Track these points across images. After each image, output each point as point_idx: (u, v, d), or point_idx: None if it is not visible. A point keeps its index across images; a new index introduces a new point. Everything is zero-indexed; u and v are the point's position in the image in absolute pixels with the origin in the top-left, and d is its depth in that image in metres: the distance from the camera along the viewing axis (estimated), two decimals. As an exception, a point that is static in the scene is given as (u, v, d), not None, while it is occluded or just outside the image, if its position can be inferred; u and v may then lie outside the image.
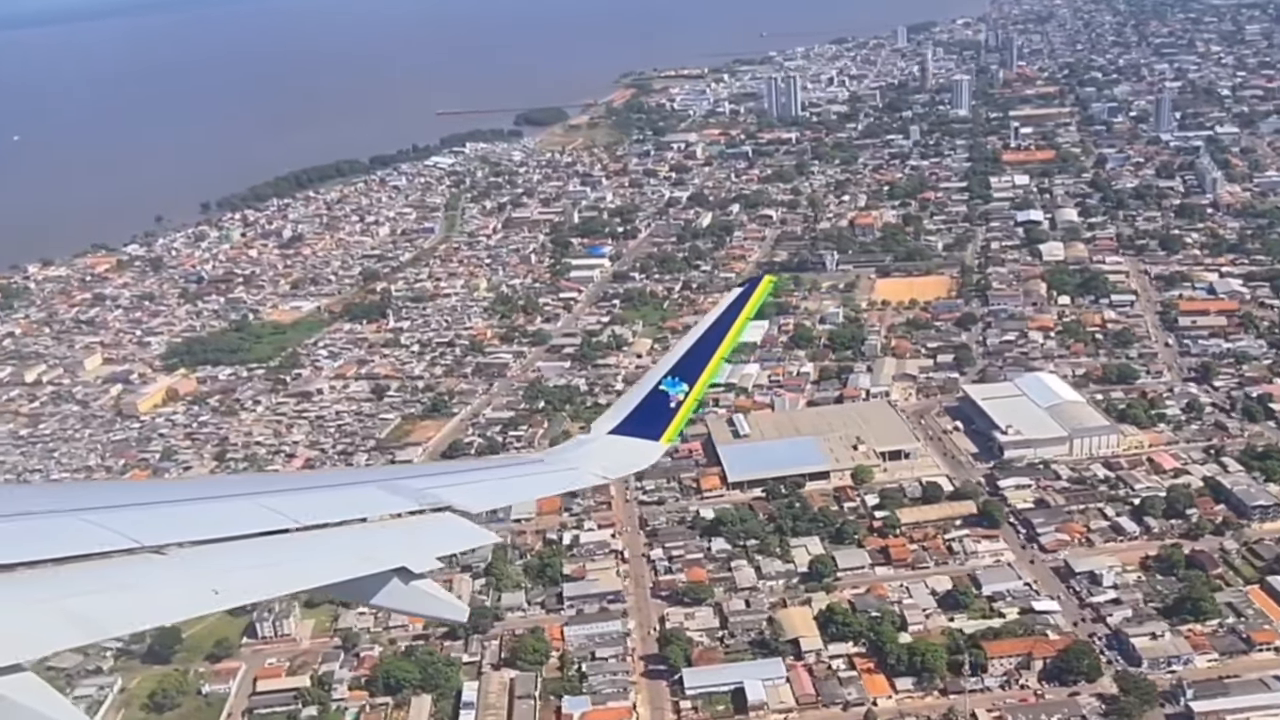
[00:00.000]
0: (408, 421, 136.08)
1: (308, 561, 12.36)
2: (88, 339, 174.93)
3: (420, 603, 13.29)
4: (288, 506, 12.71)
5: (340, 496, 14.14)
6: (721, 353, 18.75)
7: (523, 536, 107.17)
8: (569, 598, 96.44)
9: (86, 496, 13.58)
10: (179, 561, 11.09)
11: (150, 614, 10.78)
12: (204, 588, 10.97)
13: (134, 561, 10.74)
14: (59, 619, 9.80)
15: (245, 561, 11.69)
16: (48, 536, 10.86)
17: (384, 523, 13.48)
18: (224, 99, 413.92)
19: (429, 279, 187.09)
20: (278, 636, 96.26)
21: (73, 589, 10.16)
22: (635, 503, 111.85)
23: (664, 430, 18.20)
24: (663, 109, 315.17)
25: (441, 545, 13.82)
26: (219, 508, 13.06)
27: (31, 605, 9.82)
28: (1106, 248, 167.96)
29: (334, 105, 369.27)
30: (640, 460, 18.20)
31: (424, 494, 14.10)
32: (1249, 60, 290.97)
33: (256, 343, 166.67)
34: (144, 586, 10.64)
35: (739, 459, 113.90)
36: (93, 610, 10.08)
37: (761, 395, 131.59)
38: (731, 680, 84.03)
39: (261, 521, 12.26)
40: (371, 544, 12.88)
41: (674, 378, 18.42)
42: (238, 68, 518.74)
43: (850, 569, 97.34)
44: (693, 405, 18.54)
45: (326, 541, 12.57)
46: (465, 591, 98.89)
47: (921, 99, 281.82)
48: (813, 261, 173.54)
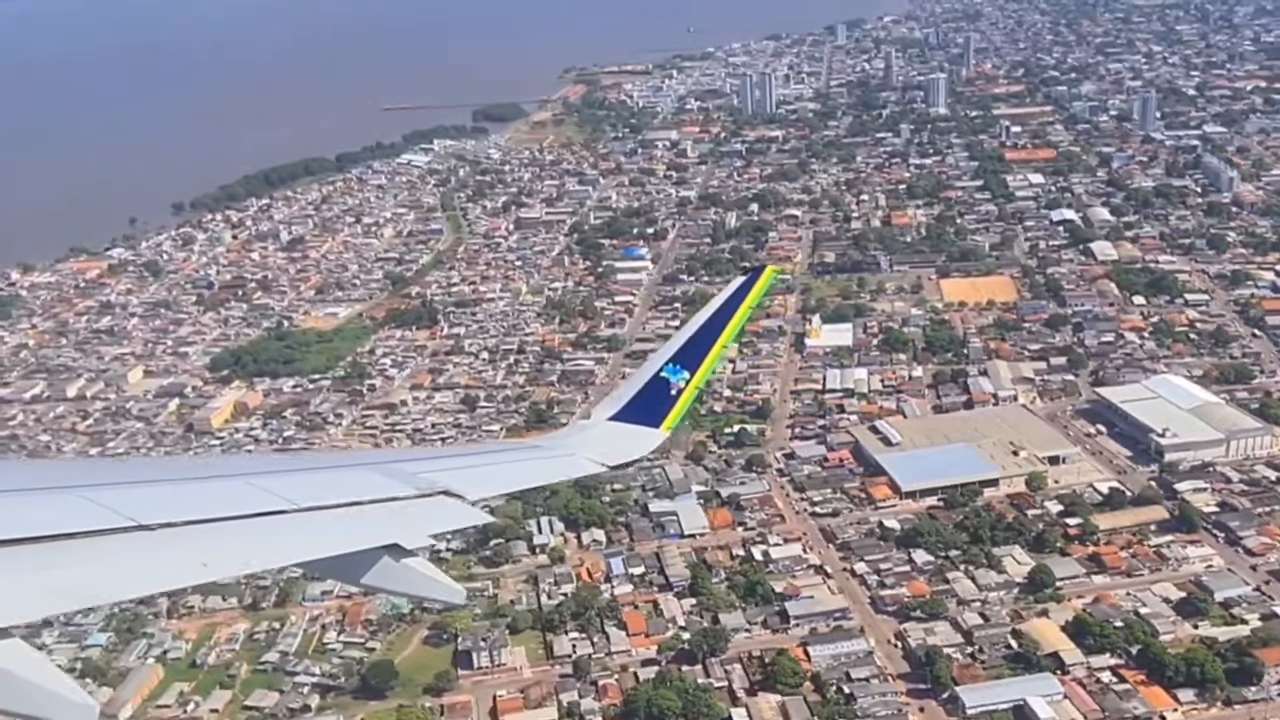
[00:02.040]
0: (513, 433, 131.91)
1: (297, 537, 12.32)
2: (114, 350, 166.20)
3: (413, 582, 13.04)
4: (283, 488, 12.69)
5: (335, 479, 14.18)
6: (723, 341, 18.99)
7: (705, 552, 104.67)
8: (795, 616, 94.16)
9: (83, 474, 13.71)
10: (168, 537, 11.12)
11: (136, 585, 11.03)
12: (192, 560, 11.08)
13: (123, 536, 10.80)
14: (43, 589, 9.84)
15: (234, 537, 11.69)
16: (42, 512, 10.88)
17: (377, 503, 13.30)
18: (140, 94, 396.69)
19: (462, 283, 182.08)
20: (495, 666, 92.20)
21: (59, 561, 10.17)
22: (807, 515, 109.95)
23: (664, 418, 18.43)
24: (624, 105, 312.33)
25: (434, 523, 13.65)
26: (214, 487, 13.13)
27: (16, 575, 9.81)
28: (1154, 247, 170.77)
29: (265, 100, 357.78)
30: (640, 448, 18.30)
31: (420, 478, 14.08)
32: (1195, 60, 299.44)
33: (306, 352, 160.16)
34: (131, 559, 10.71)
35: (905, 468, 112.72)
36: (78, 580, 10.13)
37: (884, 401, 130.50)
38: (1010, 698, 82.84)
39: (256, 503, 12.25)
40: (363, 521, 12.82)
41: (675, 365, 18.61)
42: (136, 60, 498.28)
43: (1065, 578, 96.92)
44: (693, 393, 18.74)
45: (317, 519, 12.51)
46: (677, 612, 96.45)
47: (892, 97, 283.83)
48: (866, 262, 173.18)
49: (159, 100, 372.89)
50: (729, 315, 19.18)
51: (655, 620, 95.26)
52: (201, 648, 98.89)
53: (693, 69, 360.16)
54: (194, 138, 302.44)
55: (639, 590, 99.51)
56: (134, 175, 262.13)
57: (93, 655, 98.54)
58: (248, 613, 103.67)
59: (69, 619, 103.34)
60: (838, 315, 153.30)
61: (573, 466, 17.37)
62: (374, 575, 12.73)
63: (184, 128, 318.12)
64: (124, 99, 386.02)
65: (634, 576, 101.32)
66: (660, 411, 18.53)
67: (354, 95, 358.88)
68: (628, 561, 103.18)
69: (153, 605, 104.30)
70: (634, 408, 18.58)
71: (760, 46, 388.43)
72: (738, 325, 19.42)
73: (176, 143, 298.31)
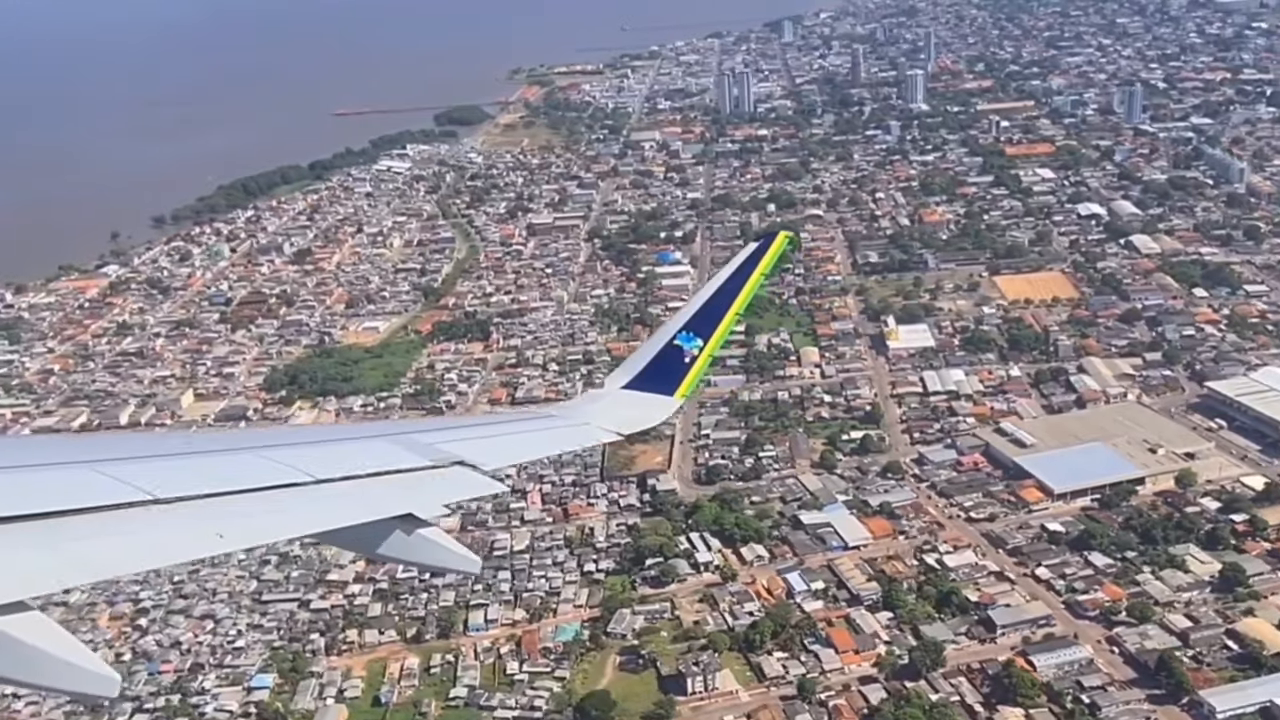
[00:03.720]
0: (623, 447, 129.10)
1: (313, 508, 12.41)
2: (148, 372, 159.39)
3: (429, 553, 13.13)
4: (297, 459, 12.81)
5: (349, 450, 14.22)
6: (736, 308, 19.30)
7: (876, 563, 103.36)
8: (1001, 625, 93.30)
9: (97, 448, 13.80)
10: (183, 509, 11.23)
11: (152, 556, 11.24)
12: (208, 532, 11.17)
13: (138, 510, 10.91)
14: (59, 561, 9.92)
15: (249, 509, 11.76)
16: (56, 486, 11.03)
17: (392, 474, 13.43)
18: (77, 104, 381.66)
19: (497, 293, 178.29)
20: (709, 691, 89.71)
21: (74, 534, 10.26)
22: (962, 520, 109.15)
23: (678, 385, 18.67)
24: (588, 106, 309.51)
25: (449, 493, 13.81)
26: (228, 460, 13.21)
27: (32, 549, 9.90)
28: (1191, 239, 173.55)
29: (208, 106, 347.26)
30: (654, 415, 18.59)
31: (434, 449, 14.21)
32: (1148, 53, 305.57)
33: (359, 368, 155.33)
34: (147, 531, 10.80)
35: (1049, 470, 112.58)
36: (95, 553, 10.25)
37: (991, 402, 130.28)
38: (1257, 700, 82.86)
39: (271, 475, 12.34)
40: (378, 492, 12.93)
41: (689, 333, 18.85)
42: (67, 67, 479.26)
43: (1253, 575, 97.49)
44: (707, 361, 19.03)
45: (332, 490, 12.61)
46: (875, 626, 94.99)
47: (866, 94, 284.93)
48: (913, 261, 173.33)
49: (100, 110, 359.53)
50: (742, 282, 19.36)
51: (859, 636, 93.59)
52: (378, 685, 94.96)
53: (644, 68, 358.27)
54: (149, 149, 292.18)
55: (829, 606, 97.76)
56: (99, 190, 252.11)
57: (262, 698, 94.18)
58: (411, 646, 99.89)
59: (220, 659, 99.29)
60: (908, 316, 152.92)
61: (587, 435, 17.56)
62: (390, 546, 12.84)
63: (134, 138, 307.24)
64: (60, 110, 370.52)
65: (817, 592, 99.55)
66: (674, 379, 18.66)
67: (298, 99, 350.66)
68: (805, 576, 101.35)
69: (309, 642, 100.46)
70: (647, 376, 18.71)
71: (705, 44, 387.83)
72: (750, 292, 19.50)
73: (132, 155, 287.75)
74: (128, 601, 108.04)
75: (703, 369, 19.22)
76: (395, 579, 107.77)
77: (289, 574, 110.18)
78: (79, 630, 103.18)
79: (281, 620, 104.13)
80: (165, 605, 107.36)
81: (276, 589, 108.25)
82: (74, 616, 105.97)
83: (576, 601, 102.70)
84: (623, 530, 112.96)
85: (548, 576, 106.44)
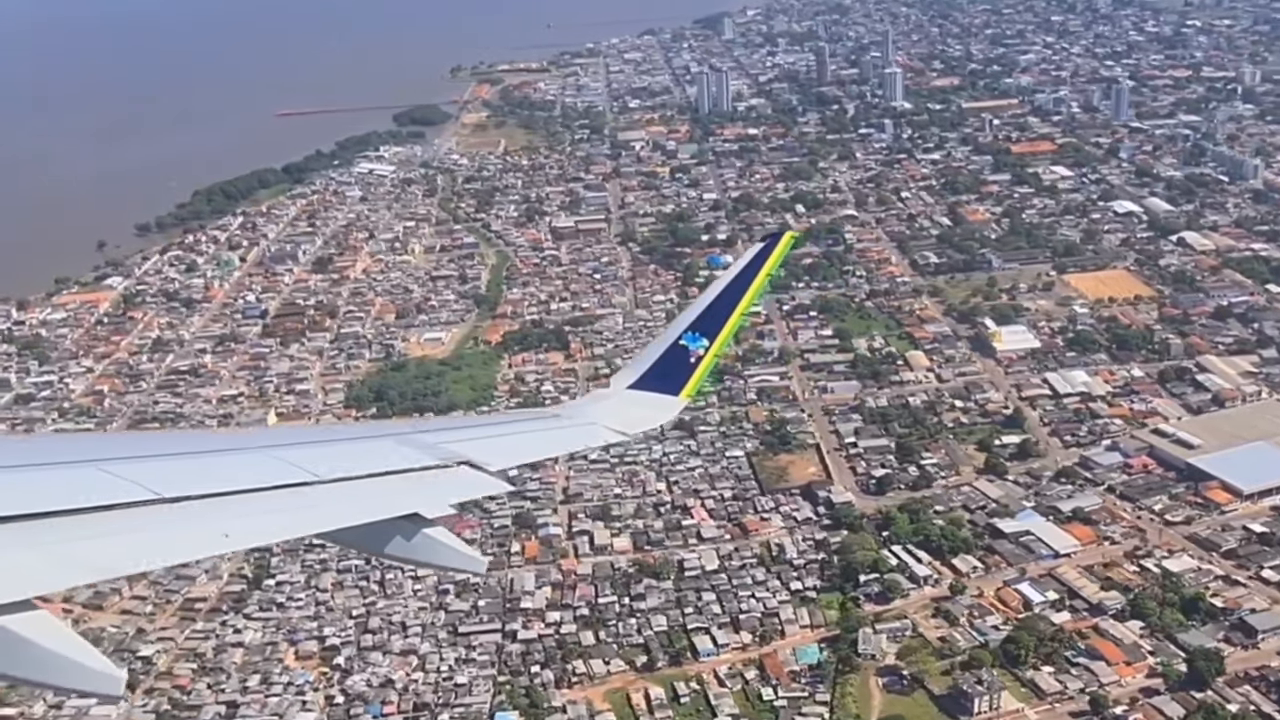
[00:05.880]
0: (763, 457, 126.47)
1: (318, 508, 12.63)
2: (209, 390, 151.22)
3: (435, 552, 13.35)
4: (304, 460, 13.04)
5: (355, 450, 14.48)
6: (742, 308, 19.67)
7: (1094, 570, 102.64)
8: (1262, 631, 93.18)
9: (105, 447, 13.74)
10: (190, 509, 11.45)
11: (159, 555, 11.31)
12: (214, 531, 11.42)
13: (145, 509, 11.10)
14: (65, 560, 10.14)
15: (255, 508, 11.99)
16: (63, 486, 11.14)
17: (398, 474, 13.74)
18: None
19: (553, 300, 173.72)
20: (996, 711, 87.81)
21: (80, 533, 10.44)
22: (1161, 523, 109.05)
23: (684, 385, 18.98)
24: (553, 105, 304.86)
25: (455, 493, 14.04)
26: (234, 460, 13.40)
27: (37, 548, 10.07)
28: (1238, 235, 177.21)
29: (147, 107, 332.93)
30: (659, 416, 18.95)
31: (441, 449, 14.50)
32: (1097, 50, 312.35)
33: (442, 381, 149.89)
34: (153, 531, 11.00)
35: (1232, 470, 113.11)
36: (101, 552, 10.42)
37: (1130, 403, 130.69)
38: None
39: (278, 475, 12.58)
40: (384, 492, 13.21)
41: (694, 333, 19.21)
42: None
43: None
44: (713, 361, 19.29)
45: (338, 490, 12.88)
46: (1130, 635, 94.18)
47: (840, 92, 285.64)
48: (976, 261, 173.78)
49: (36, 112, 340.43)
50: (748, 282, 19.45)
51: (1121, 647, 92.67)
52: (628, 717, 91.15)
53: (590, 66, 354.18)
54: (100, 153, 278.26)
55: (1076, 617, 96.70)
56: (61, 197, 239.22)
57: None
58: (644, 674, 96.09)
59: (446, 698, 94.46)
60: (999, 317, 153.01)
61: (593, 436, 17.51)
62: (396, 546, 12.91)
63: (82, 141, 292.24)
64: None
65: (1053, 603, 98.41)
66: (680, 379, 18.73)
67: (238, 100, 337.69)
68: (1036, 587, 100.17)
69: (534, 675, 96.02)
70: (653, 375, 18.78)
71: (642, 42, 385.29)
72: (756, 292, 19.64)
73: (84, 159, 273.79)
74: (310, 639, 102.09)
75: (708, 369, 19.08)
76: (594, 605, 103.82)
77: (476, 603, 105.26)
78: (270, 673, 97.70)
79: (490, 652, 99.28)
80: (354, 641, 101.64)
81: (470, 620, 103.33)
82: (258, 657, 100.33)
83: (800, 621, 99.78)
84: (811, 545, 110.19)
85: (756, 596, 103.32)
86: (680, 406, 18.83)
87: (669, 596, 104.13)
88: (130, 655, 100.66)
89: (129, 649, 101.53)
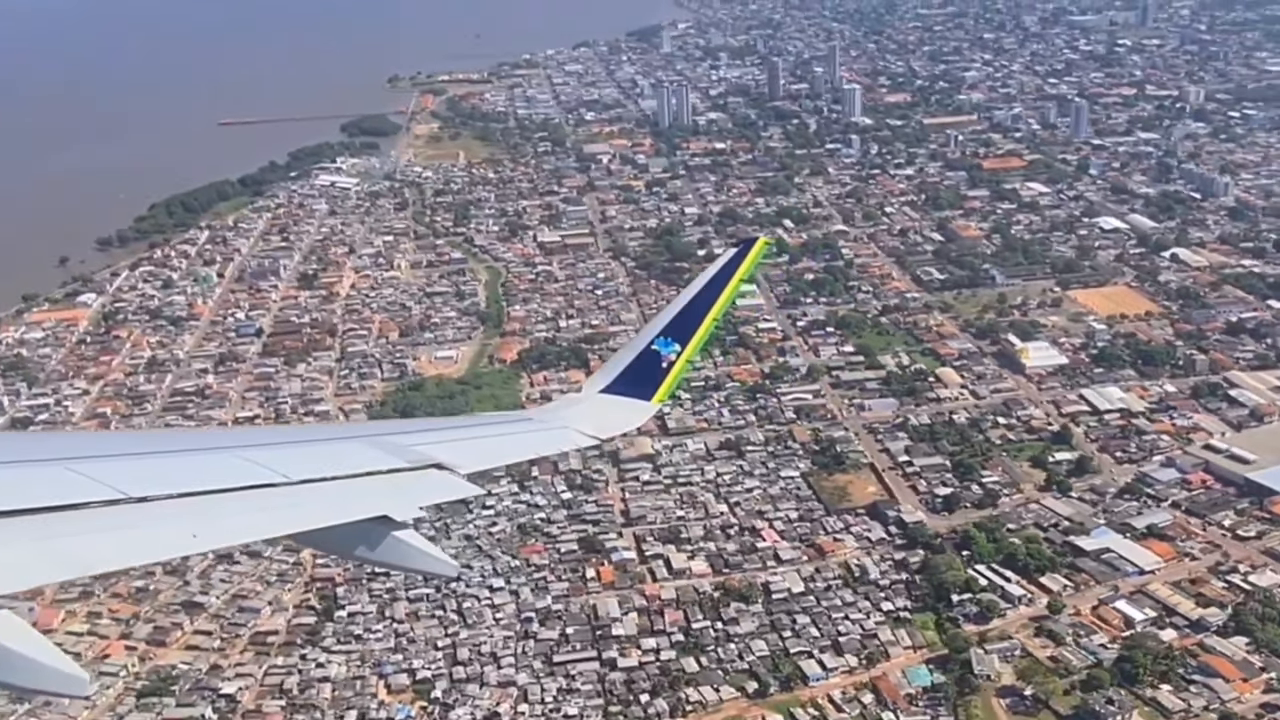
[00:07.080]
0: (819, 479, 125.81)
1: (289, 509, 12.64)
2: (220, 413, 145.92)
3: (405, 556, 13.44)
4: (274, 460, 13.06)
5: (326, 451, 14.52)
6: (714, 314, 19.67)
7: (1180, 586, 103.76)
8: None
9: (74, 446, 13.99)
10: (159, 509, 11.53)
11: (127, 555, 11.25)
12: (183, 532, 11.47)
13: (114, 508, 11.16)
14: (33, 559, 10.14)
15: (224, 509, 12.03)
16: (31, 484, 11.18)
17: (369, 476, 13.77)
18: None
19: (560, 317, 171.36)
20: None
21: (49, 532, 10.46)
22: (1233, 539, 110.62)
23: (655, 390, 19.22)
24: (504, 117, 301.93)
25: (426, 495, 14.11)
26: (205, 460, 13.49)
27: (4, 546, 10.06)
28: (1226, 251, 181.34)
29: (76, 116, 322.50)
30: (631, 420, 19.10)
31: (412, 451, 14.56)
32: (1037, 69, 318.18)
33: (465, 401, 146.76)
34: (122, 530, 11.05)
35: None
36: (69, 550, 10.44)
37: (1173, 420, 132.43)
38: None
39: (247, 476, 12.62)
40: (354, 494, 13.24)
41: (666, 338, 19.33)
42: None
43: None
44: (684, 366, 19.45)
45: (308, 491, 12.89)
46: (1239, 652, 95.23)
47: (796, 106, 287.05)
48: (979, 277, 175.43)
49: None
50: (720, 288, 19.63)
51: (1235, 664, 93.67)
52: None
53: (531, 77, 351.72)
54: (41, 163, 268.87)
55: (1180, 634, 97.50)
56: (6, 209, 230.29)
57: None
58: (755, 700, 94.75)
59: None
60: (1020, 333, 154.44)
61: (564, 439, 17.79)
62: (366, 548, 13.04)
63: (19, 150, 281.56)
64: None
65: (1153, 620, 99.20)
66: (652, 384, 19.03)
67: (174, 107, 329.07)
68: (1134, 604, 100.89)
69: (644, 705, 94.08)
70: (625, 380, 19.04)
71: (579, 54, 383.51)
72: (729, 298, 19.99)
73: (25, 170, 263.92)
74: (399, 672, 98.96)
75: (680, 374, 19.12)
76: (688, 631, 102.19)
77: (564, 630, 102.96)
78: (366, 708, 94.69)
79: (591, 682, 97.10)
80: (446, 674, 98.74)
81: (563, 648, 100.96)
82: (349, 692, 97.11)
83: (902, 643, 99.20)
84: (891, 565, 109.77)
85: (851, 618, 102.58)
86: (652, 412, 18.94)
87: (762, 620, 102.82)
88: (212, 694, 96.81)
89: (208, 686, 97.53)
